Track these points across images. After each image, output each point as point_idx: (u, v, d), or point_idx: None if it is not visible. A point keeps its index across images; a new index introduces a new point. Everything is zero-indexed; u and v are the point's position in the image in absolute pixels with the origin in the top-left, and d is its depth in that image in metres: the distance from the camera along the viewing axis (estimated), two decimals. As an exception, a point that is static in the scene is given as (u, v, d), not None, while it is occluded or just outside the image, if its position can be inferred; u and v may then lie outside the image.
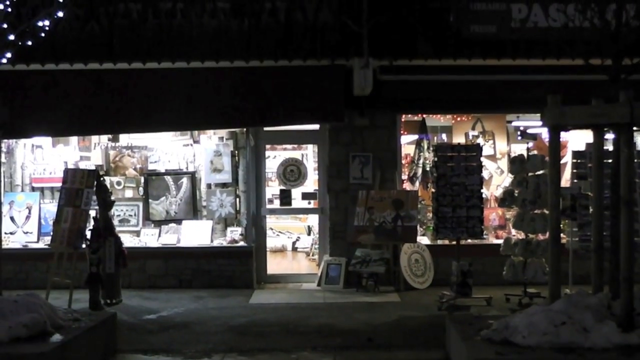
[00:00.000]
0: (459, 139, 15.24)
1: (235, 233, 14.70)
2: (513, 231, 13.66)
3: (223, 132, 15.05)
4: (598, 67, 9.18)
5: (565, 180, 13.06)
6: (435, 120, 15.58)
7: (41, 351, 7.79)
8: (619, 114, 8.10)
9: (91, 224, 12.57)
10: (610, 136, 9.55)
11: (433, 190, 13.22)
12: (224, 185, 14.95)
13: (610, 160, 9.07)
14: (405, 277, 13.91)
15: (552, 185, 8.80)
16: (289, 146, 17.46)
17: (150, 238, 14.77)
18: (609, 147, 9.35)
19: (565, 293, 9.46)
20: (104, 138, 15.27)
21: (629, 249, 8.01)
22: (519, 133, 13.79)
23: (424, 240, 14.73)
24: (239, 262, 14.31)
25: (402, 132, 14.88)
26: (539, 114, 9.05)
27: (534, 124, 14.35)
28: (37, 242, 14.67)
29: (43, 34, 10.62)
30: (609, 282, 8.84)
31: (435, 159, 12.99)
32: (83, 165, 14.85)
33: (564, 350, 7.59)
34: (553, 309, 8.12)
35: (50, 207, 14.54)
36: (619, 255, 8.21)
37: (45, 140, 15.15)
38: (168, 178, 15.00)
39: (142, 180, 15.20)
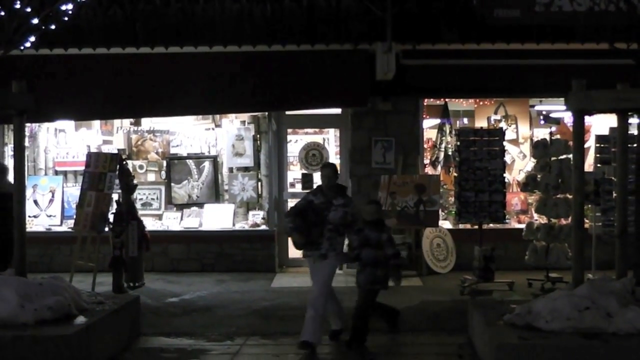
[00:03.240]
0: (481, 123, 15.17)
1: (257, 217, 14.74)
2: (535, 216, 13.61)
3: (245, 116, 15.07)
4: (623, 51, 9.12)
5: (589, 165, 12.98)
6: (457, 104, 15.52)
7: (66, 333, 7.85)
8: (644, 99, 8.05)
9: (114, 207, 12.66)
10: (634, 120, 9.50)
11: (455, 174, 13.21)
12: (245, 169, 14.98)
13: (634, 145, 9.02)
14: (427, 261, 13.92)
15: (576, 169, 8.75)
16: (310, 130, 17.44)
17: (172, 222, 14.83)
18: (634, 131, 9.31)
19: (588, 278, 9.43)
20: (127, 122, 15.32)
21: (653, 234, 7.98)
22: (541, 117, 13.74)
23: (446, 224, 14.72)
24: (261, 245, 14.36)
25: (424, 116, 14.86)
26: (561, 99, 9.01)
27: (557, 108, 14.30)
28: (61, 225, 14.78)
29: (66, 18, 10.66)
30: (633, 267, 8.81)
31: (458, 143, 12.96)
32: (106, 149, 14.91)
33: (588, 336, 7.57)
34: (576, 294, 8.09)
35: (73, 191, 14.62)
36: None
37: (68, 124, 15.22)
38: (190, 162, 15.04)
39: (165, 164, 15.25)
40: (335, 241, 9.13)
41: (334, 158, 16.32)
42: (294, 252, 15.06)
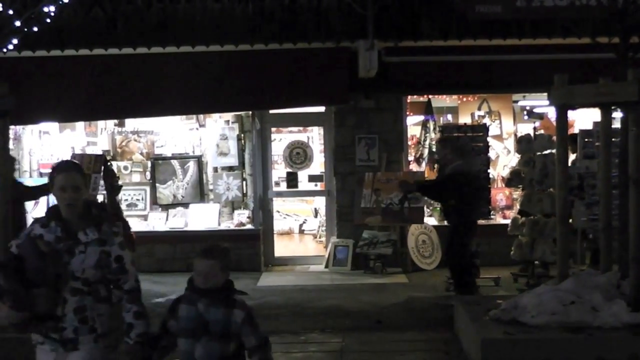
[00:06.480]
0: (465, 119, 15.21)
1: (242, 216, 14.72)
2: (520, 211, 13.63)
3: (229, 116, 15.05)
4: (605, 45, 9.14)
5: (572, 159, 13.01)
6: (441, 101, 15.55)
7: (52, 336, 7.81)
8: (627, 93, 8.07)
9: (99, 209, 12.58)
10: (618, 114, 9.53)
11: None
12: (230, 168, 14.96)
13: (618, 139, 9.05)
14: (412, 258, 13.93)
15: (559, 164, 8.78)
16: (294, 129, 17.45)
17: (158, 222, 14.80)
18: (617, 125, 9.34)
19: (573, 273, 9.46)
20: (110, 123, 15.28)
21: (637, 228, 8.00)
22: (525, 113, 13.78)
23: (431, 221, 14.74)
24: (246, 245, 14.32)
25: (407, 113, 14.86)
26: (545, 94, 9.03)
27: (540, 103, 14.34)
28: (46, 227, 14.66)
29: (48, 20, 10.62)
30: (618, 261, 8.84)
31: (442, 139, 12.98)
32: (90, 150, 14.84)
33: (573, 330, 7.61)
34: (562, 288, 8.13)
35: (58, 193, 14.52)
36: (628, 235, 8.21)
37: (52, 126, 15.15)
38: (174, 162, 15.00)
39: (149, 164, 15.21)
40: (93, 312, 5.11)
41: (319, 156, 16.35)
42: (279, 251, 15.16)
